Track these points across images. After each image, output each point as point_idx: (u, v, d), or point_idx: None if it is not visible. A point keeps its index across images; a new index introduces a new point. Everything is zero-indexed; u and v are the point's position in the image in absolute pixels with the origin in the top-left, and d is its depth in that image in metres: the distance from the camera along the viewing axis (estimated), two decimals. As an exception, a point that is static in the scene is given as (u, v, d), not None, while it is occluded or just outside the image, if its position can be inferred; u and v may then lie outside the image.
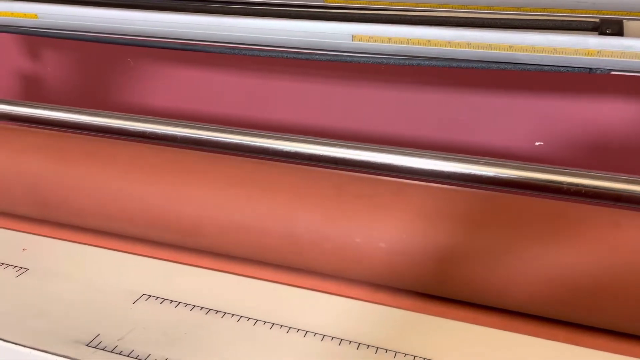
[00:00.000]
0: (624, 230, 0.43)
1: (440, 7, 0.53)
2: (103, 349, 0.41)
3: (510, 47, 0.48)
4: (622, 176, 0.47)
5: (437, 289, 0.48)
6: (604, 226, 0.44)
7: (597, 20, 0.47)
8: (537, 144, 0.75)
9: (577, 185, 0.47)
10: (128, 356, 0.41)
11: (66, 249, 0.54)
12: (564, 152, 0.74)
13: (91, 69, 0.93)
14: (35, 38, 0.91)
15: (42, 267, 0.51)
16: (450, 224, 0.46)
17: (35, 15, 0.60)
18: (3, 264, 0.51)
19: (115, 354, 0.41)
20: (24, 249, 0.54)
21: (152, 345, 0.42)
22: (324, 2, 0.56)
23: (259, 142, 0.56)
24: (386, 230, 0.47)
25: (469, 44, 0.49)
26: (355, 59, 0.53)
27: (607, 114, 0.70)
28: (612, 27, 0.46)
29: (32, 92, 0.97)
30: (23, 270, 0.50)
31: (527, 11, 0.51)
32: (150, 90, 0.90)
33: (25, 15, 0.60)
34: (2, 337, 0.42)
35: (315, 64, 0.77)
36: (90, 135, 0.60)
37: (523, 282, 0.44)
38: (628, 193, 0.46)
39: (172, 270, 0.51)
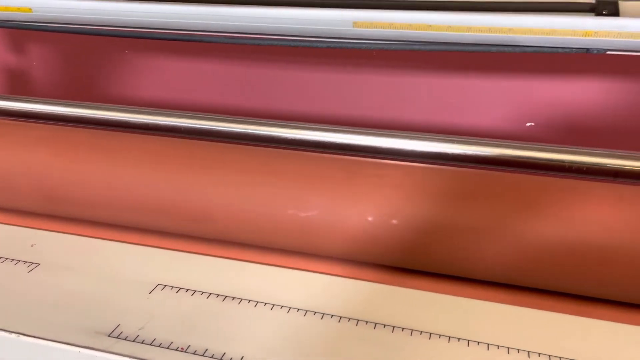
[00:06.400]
0: (611, 204, 0.46)
1: (439, -8, 0.53)
2: (125, 339, 0.42)
3: (510, 29, 0.49)
4: (620, 152, 0.48)
5: (425, 263, 0.49)
6: (587, 200, 0.46)
7: (594, 1, 0.48)
8: (528, 124, 0.77)
9: (578, 163, 0.49)
10: (151, 345, 0.41)
11: (75, 242, 0.54)
12: (555, 132, 0.76)
13: (80, 62, 0.92)
14: (20, 31, 0.90)
15: (53, 262, 0.51)
16: (438, 202, 0.47)
17: (30, 9, 0.59)
18: (14, 259, 0.51)
19: (137, 343, 0.41)
20: (32, 245, 0.54)
21: (174, 333, 0.42)
22: (323, -12, 0.56)
23: (263, 131, 0.56)
24: (372, 208, 0.48)
25: (469, 28, 0.50)
26: (356, 45, 0.54)
27: (598, 94, 0.72)
28: (608, 8, 0.47)
29: (18, 86, 0.95)
30: (34, 265, 0.50)
31: (525, -6, 0.52)
32: (143, 82, 0.90)
33: (19, 9, 0.59)
34: (22, 332, 0.42)
35: (314, 51, 0.78)
36: (92, 128, 0.60)
37: (514, 255, 0.46)
38: (626, 169, 0.48)
39: (184, 260, 0.52)
